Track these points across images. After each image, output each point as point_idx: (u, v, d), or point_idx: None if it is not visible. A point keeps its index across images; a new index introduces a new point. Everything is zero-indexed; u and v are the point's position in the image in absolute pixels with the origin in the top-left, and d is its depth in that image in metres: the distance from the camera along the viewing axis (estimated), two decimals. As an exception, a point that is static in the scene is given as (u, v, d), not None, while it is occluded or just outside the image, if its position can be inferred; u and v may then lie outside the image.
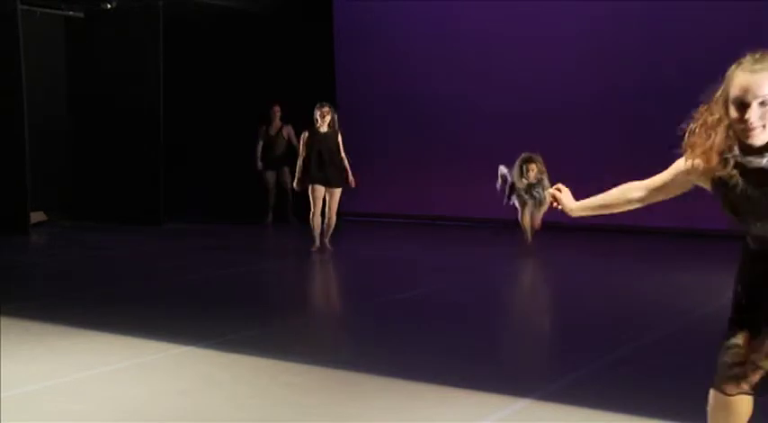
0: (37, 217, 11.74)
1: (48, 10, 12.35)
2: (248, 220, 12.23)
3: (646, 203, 2.92)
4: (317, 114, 9.23)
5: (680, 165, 2.74)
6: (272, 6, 12.48)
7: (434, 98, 11.97)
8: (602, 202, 2.98)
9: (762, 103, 2.45)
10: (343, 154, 9.28)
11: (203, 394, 4.48)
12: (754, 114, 2.46)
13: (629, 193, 2.91)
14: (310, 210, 9.29)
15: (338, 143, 9.29)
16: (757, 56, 2.52)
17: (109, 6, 12.32)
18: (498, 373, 4.70)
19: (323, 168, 9.17)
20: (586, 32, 11.00)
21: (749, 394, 2.65)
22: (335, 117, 9.40)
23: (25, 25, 11.10)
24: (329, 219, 9.40)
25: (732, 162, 2.59)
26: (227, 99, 12.88)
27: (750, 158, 2.54)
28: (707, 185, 2.69)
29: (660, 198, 2.87)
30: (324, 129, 9.25)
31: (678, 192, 2.84)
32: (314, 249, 9.37)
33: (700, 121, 2.64)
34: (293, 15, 12.41)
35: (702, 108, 2.64)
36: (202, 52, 12.93)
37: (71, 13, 12.63)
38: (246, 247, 10.36)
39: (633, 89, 10.74)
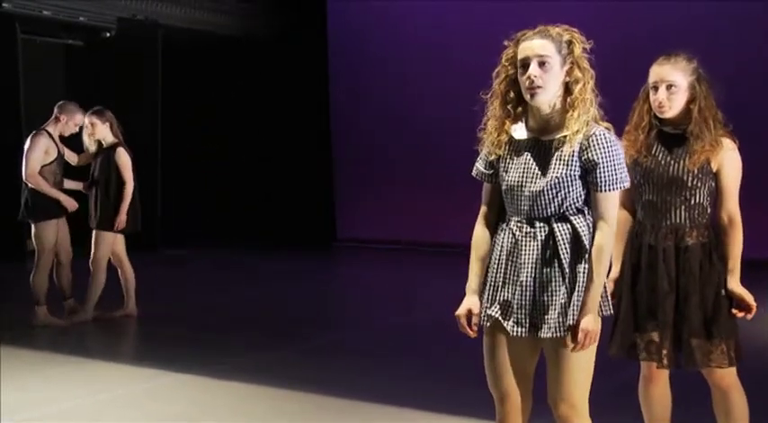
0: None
1: (48, 38, 12.41)
2: (245, 246, 12.18)
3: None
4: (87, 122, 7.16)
5: None
6: (270, 32, 12.59)
7: (431, 120, 11.85)
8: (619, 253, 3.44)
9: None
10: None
11: (198, 422, 4.45)
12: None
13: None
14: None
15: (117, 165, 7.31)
16: None
17: (108, 35, 12.38)
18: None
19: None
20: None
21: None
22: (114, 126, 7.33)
23: (25, 54, 11.15)
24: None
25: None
26: (224, 125, 12.95)
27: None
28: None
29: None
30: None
31: None
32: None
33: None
34: (288, 40, 12.53)
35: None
36: (200, 79, 13.00)
37: (71, 41, 12.69)
38: (242, 274, 10.31)
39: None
